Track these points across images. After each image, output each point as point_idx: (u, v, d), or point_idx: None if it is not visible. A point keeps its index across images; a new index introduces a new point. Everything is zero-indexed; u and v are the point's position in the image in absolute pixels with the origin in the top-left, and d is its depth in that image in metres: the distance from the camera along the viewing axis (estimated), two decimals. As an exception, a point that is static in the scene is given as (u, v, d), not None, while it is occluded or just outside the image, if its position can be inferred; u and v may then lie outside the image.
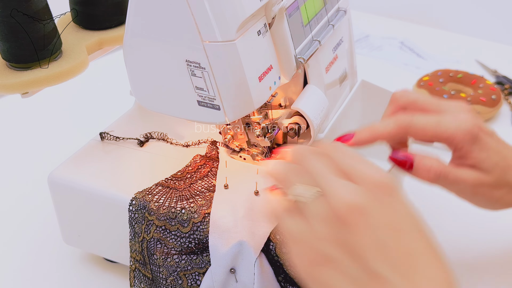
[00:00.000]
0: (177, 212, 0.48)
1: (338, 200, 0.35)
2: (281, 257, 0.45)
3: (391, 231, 0.35)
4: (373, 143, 0.49)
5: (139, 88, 0.49)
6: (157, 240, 0.49)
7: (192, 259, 0.48)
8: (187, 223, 0.48)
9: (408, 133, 0.48)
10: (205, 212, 0.48)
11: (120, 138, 0.58)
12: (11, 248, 0.64)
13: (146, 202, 0.49)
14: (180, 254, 0.49)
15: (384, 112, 0.52)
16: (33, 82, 0.49)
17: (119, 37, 0.56)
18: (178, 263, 0.49)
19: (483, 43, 1.16)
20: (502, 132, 0.86)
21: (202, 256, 0.48)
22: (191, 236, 0.48)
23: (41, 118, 0.90)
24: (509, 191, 0.50)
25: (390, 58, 1.11)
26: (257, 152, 0.55)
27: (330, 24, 0.58)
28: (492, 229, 0.67)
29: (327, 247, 0.35)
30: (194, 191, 0.51)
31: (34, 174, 0.75)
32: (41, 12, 0.48)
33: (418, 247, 0.36)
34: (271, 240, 0.46)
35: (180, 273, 0.49)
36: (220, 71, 0.44)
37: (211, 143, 0.57)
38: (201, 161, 0.55)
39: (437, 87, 0.90)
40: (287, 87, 0.54)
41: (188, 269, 0.48)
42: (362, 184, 0.36)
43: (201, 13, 0.42)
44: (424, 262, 0.35)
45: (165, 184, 0.51)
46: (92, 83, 0.98)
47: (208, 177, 0.53)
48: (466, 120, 0.48)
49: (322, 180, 0.37)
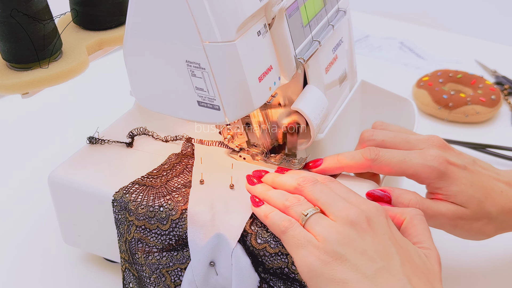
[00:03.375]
0: (155, 211, 0.49)
1: (347, 210, 0.42)
2: (257, 248, 0.46)
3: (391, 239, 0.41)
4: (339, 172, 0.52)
5: (139, 88, 0.49)
6: (138, 239, 0.50)
7: (173, 256, 0.49)
8: (166, 220, 0.49)
9: (374, 168, 0.49)
10: (183, 208, 0.48)
11: (105, 141, 0.58)
12: (11, 248, 0.64)
13: (125, 202, 0.50)
14: (160, 251, 0.49)
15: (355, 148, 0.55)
16: (33, 82, 0.49)
17: (119, 37, 0.57)
18: (159, 260, 0.49)
19: (483, 43, 1.16)
20: (502, 132, 0.86)
21: (183, 251, 0.49)
22: (171, 233, 0.49)
23: (41, 118, 0.90)
24: (488, 222, 0.50)
25: (389, 58, 1.11)
26: (256, 152, 0.55)
27: (330, 24, 0.58)
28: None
29: (338, 248, 0.40)
30: (171, 188, 0.51)
31: (34, 174, 0.75)
32: (41, 12, 0.48)
33: (410, 248, 0.42)
34: (247, 231, 0.47)
35: (163, 270, 0.50)
36: (220, 71, 0.44)
37: (186, 140, 0.58)
38: (176, 159, 0.55)
39: (436, 87, 0.90)
40: (287, 87, 0.54)
41: (170, 265, 0.49)
42: (359, 204, 0.43)
43: (201, 13, 0.42)
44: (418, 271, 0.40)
45: (141, 182, 0.52)
46: (92, 83, 0.98)
47: (184, 173, 0.53)
48: (433, 157, 0.49)
49: (328, 199, 0.44)
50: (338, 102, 0.63)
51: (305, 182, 0.46)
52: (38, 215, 0.68)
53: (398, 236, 0.42)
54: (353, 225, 0.41)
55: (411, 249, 0.42)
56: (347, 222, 0.41)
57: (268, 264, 0.46)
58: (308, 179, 0.46)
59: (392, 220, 0.44)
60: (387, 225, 0.42)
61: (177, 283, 0.50)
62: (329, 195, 0.44)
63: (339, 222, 0.41)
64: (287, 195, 0.46)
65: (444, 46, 1.15)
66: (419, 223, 0.45)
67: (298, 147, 0.56)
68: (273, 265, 0.46)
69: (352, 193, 0.45)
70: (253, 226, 0.47)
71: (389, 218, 0.44)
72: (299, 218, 0.43)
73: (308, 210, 0.43)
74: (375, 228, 0.41)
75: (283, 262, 0.45)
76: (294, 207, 0.44)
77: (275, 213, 0.45)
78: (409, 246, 0.42)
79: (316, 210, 0.43)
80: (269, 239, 0.46)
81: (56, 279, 0.60)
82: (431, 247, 0.43)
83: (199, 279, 0.47)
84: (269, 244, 0.46)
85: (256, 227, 0.47)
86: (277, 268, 0.46)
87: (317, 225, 0.42)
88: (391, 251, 0.40)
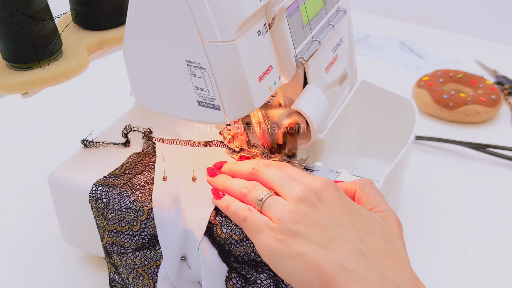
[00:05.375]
0: (123, 214, 0.50)
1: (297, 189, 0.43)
2: (223, 237, 0.47)
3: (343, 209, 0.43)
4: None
5: (139, 88, 0.49)
6: (112, 243, 0.51)
7: (147, 254, 0.50)
8: (135, 221, 0.49)
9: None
10: (148, 208, 0.49)
11: (100, 143, 0.58)
12: (11, 248, 0.64)
13: (96, 208, 0.51)
14: (134, 251, 0.50)
15: None
16: (33, 82, 0.49)
17: (119, 37, 0.56)
18: (134, 260, 0.50)
19: (483, 43, 1.16)
20: (502, 132, 0.86)
21: (155, 249, 0.50)
22: (142, 233, 0.50)
23: (41, 118, 0.90)
24: None
25: (390, 58, 1.11)
26: (257, 152, 0.55)
27: (330, 24, 0.58)
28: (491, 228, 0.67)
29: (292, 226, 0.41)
30: (134, 186, 0.52)
31: (34, 174, 0.75)
32: (41, 12, 0.48)
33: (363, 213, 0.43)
34: (212, 222, 0.47)
35: (139, 269, 0.50)
36: (220, 71, 0.44)
37: (147, 138, 0.58)
38: (138, 158, 0.56)
39: (437, 87, 0.90)
40: (287, 87, 0.54)
41: (145, 264, 0.50)
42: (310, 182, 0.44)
43: (201, 13, 0.42)
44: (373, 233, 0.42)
45: (104, 182, 0.52)
46: (92, 83, 0.98)
47: (146, 171, 0.54)
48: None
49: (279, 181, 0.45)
50: (338, 102, 0.63)
51: (259, 166, 0.47)
52: (38, 215, 0.68)
53: (351, 204, 0.44)
54: (303, 201, 0.42)
55: (365, 213, 0.44)
56: (298, 199, 0.43)
57: (235, 251, 0.47)
58: (261, 163, 0.48)
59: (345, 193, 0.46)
60: (338, 196, 0.43)
61: (155, 280, 0.51)
62: (281, 177, 0.45)
63: (291, 201, 0.43)
64: (244, 183, 0.47)
65: (444, 46, 1.15)
66: (370, 190, 0.46)
67: (298, 147, 0.56)
68: (240, 251, 0.47)
69: (304, 173, 0.47)
70: (218, 216, 0.47)
71: (341, 190, 0.45)
72: (255, 203, 0.45)
73: (263, 194, 0.45)
74: (325, 201, 0.43)
75: (249, 247, 0.46)
76: (250, 194, 0.45)
77: (235, 203, 0.46)
78: (363, 211, 0.44)
79: (270, 193, 0.45)
80: (234, 227, 0.47)
81: (56, 279, 0.60)
82: (387, 209, 0.45)
83: (173, 274, 0.48)
84: (235, 232, 0.47)
85: (221, 217, 0.47)
86: (244, 254, 0.47)
87: (272, 207, 0.43)
88: (342, 218, 0.42)
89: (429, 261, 0.62)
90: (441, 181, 0.75)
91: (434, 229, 0.67)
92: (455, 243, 0.65)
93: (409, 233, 0.66)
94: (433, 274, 0.60)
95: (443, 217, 0.69)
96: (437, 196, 0.72)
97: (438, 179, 0.75)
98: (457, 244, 0.65)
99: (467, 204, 0.71)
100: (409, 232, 0.66)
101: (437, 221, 0.68)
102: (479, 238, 0.65)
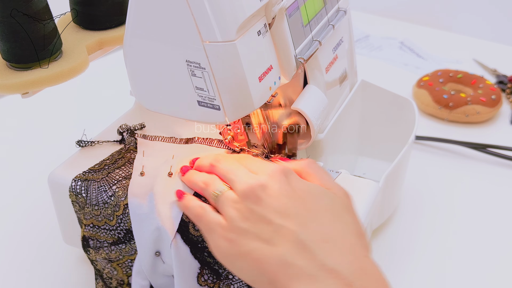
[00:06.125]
0: (101, 209, 0.50)
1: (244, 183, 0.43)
2: (195, 235, 0.47)
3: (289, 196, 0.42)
4: None
5: (139, 88, 0.49)
6: (88, 237, 0.51)
7: (122, 249, 0.51)
8: (112, 216, 0.50)
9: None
10: (124, 203, 0.49)
11: (95, 142, 0.58)
12: (11, 248, 0.64)
13: (77, 202, 0.51)
14: (110, 245, 0.51)
15: None
16: (33, 82, 0.49)
17: (119, 37, 0.56)
18: (109, 254, 0.51)
19: (483, 43, 1.16)
20: (503, 132, 0.86)
21: (130, 243, 0.50)
22: (118, 228, 0.50)
23: (41, 118, 0.90)
24: None
25: (390, 58, 1.11)
26: (257, 152, 0.55)
27: (330, 24, 0.58)
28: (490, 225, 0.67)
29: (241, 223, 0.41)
30: (112, 180, 0.52)
31: (34, 174, 0.75)
32: (41, 12, 0.48)
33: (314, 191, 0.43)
34: (185, 220, 0.47)
35: (113, 264, 0.51)
36: (220, 71, 0.44)
37: (130, 134, 0.58)
38: (119, 154, 0.56)
39: (437, 87, 0.90)
40: (287, 87, 0.54)
41: (120, 258, 0.51)
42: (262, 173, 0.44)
43: (201, 13, 0.41)
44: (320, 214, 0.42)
45: (83, 177, 0.52)
46: (92, 83, 0.98)
47: (126, 166, 0.54)
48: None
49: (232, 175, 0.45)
50: (338, 102, 0.63)
51: (216, 160, 0.48)
52: (38, 215, 0.68)
53: (300, 188, 0.43)
54: (250, 197, 0.42)
55: (316, 192, 0.43)
56: (245, 195, 0.43)
57: (208, 248, 0.47)
58: (219, 156, 0.48)
59: None
60: (285, 183, 0.43)
61: (129, 274, 0.51)
62: (233, 171, 0.45)
63: (240, 196, 0.43)
64: (204, 177, 0.47)
65: (444, 46, 1.15)
66: (313, 169, 0.46)
67: (298, 147, 0.56)
68: None
69: (261, 163, 0.47)
70: None
71: (292, 173, 0.44)
72: (211, 199, 0.45)
73: (217, 189, 0.45)
74: (270, 192, 0.42)
75: None
76: (207, 189, 0.46)
77: (191, 203, 0.46)
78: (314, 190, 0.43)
79: (225, 189, 0.44)
80: None
81: (56, 279, 0.60)
82: (334, 185, 0.45)
83: (147, 268, 0.49)
84: None
85: None
86: None
87: (224, 205, 0.43)
88: (287, 207, 0.41)
89: (428, 261, 0.62)
90: (441, 181, 0.75)
91: (434, 229, 0.67)
92: (455, 243, 0.65)
93: (409, 232, 0.66)
94: (432, 274, 0.60)
95: (443, 217, 0.68)
96: (437, 196, 0.72)
97: (438, 179, 0.75)
98: (457, 244, 0.65)
99: (467, 204, 0.71)
100: (409, 232, 0.66)
101: (437, 221, 0.68)
102: (479, 238, 0.65)
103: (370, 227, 0.59)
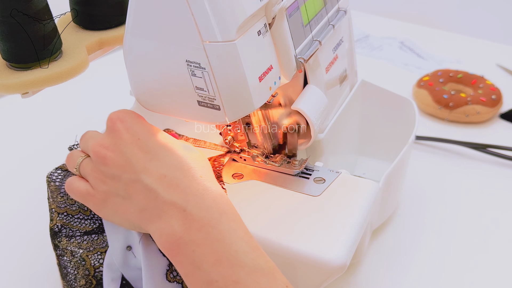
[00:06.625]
0: None
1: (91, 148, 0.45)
2: None
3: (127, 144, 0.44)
4: None
5: (139, 88, 0.49)
6: (61, 226, 0.52)
7: (94, 239, 0.52)
8: (86, 206, 0.51)
9: None
10: None
11: None
12: (10, 248, 0.64)
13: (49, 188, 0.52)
14: (82, 235, 0.51)
15: None
16: (33, 82, 0.49)
17: (119, 37, 0.56)
18: (80, 244, 0.51)
19: (483, 43, 1.16)
20: (503, 132, 0.86)
21: (103, 235, 0.51)
22: (93, 218, 0.51)
23: (41, 118, 0.90)
24: None
25: (390, 58, 1.11)
26: (257, 153, 0.55)
27: (330, 24, 0.58)
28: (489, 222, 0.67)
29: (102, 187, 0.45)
30: None
31: (34, 174, 0.75)
32: (41, 12, 0.48)
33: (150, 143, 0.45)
34: None
35: (83, 254, 0.52)
36: (220, 71, 0.44)
37: None
38: None
39: (437, 87, 0.90)
40: (287, 87, 0.54)
41: (90, 250, 0.52)
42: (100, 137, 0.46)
43: (201, 13, 0.41)
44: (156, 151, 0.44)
45: (64, 167, 0.53)
46: (92, 83, 0.98)
47: None
48: None
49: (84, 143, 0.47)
50: (339, 102, 0.63)
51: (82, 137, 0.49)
52: (38, 215, 0.68)
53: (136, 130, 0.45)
54: (98, 158, 0.45)
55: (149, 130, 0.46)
56: (94, 160, 0.45)
57: None
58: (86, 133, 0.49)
59: None
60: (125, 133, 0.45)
61: (96, 267, 0.52)
62: (87, 140, 0.47)
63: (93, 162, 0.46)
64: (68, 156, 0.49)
65: (444, 46, 1.15)
66: None
67: (298, 147, 0.56)
68: None
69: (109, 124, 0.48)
70: None
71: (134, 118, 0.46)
72: (76, 173, 0.47)
73: (76, 161, 0.47)
74: (112, 148, 0.45)
75: None
76: (69, 163, 0.48)
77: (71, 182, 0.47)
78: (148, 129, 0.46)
79: (80, 160, 0.47)
80: None
81: (56, 279, 0.60)
82: None
83: (118, 261, 0.50)
84: None
85: None
86: None
87: (86, 174, 0.46)
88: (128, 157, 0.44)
89: (429, 261, 0.62)
90: (441, 181, 0.75)
91: (434, 229, 0.67)
92: (455, 243, 0.65)
93: (409, 232, 0.66)
94: (433, 273, 0.60)
95: (443, 217, 0.68)
96: (437, 196, 0.72)
97: (438, 179, 0.75)
98: (457, 244, 0.64)
99: (467, 204, 0.71)
100: (409, 232, 0.66)
101: (437, 221, 0.68)
102: (479, 238, 0.65)
103: (370, 227, 0.59)
